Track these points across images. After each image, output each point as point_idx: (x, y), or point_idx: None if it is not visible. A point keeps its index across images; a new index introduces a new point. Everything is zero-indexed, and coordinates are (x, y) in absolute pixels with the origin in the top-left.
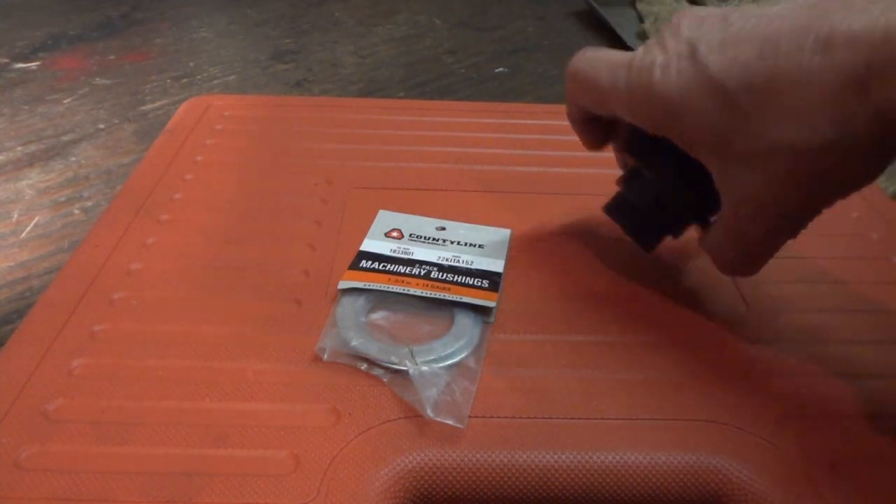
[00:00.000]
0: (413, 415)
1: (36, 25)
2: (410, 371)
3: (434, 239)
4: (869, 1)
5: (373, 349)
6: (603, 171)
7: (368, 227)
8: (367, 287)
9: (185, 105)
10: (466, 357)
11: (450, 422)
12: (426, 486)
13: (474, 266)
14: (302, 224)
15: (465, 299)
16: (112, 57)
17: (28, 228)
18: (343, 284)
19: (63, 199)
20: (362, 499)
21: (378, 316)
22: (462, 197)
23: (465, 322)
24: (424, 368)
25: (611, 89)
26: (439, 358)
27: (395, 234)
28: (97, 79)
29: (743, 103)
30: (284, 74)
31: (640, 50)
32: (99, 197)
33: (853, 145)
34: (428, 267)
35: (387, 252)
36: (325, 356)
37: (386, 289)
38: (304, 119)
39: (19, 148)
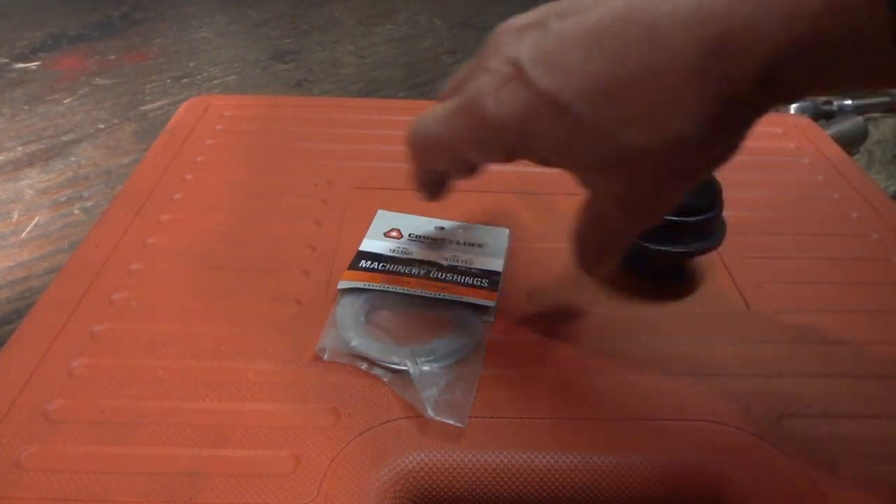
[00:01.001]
0: (413, 415)
1: (36, 25)
2: (411, 371)
3: (433, 239)
4: None
5: (373, 349)
6: None
7: (368, 227)
8: (366, 287)
9: (185, 105)
10: (466, 357)
11: (450, 421)
12: (426, 486)
13: (474, 266)
14: (302, 224)
15: (465, 299)
16: (112, 57)
17: (28, 228)
18: (343, 284)
19: (63, 199)
20: (362, 499)
21: (378, 316)
22: (461, 197)
23: (465, 321)
24: (425, 368)
25: (453, 141)
26: (439, 357)
27: (394, 233)
28: (97, 79)
29: (581, 113)
30: (284, 74)
31: (466, 80)
32: (99, 197)
33: (709, 133)
34: (427, 267)
35: (386, 252)
36: (326, 356)
37: (386, 289)
38: (304, 119)
39: (19, 148)
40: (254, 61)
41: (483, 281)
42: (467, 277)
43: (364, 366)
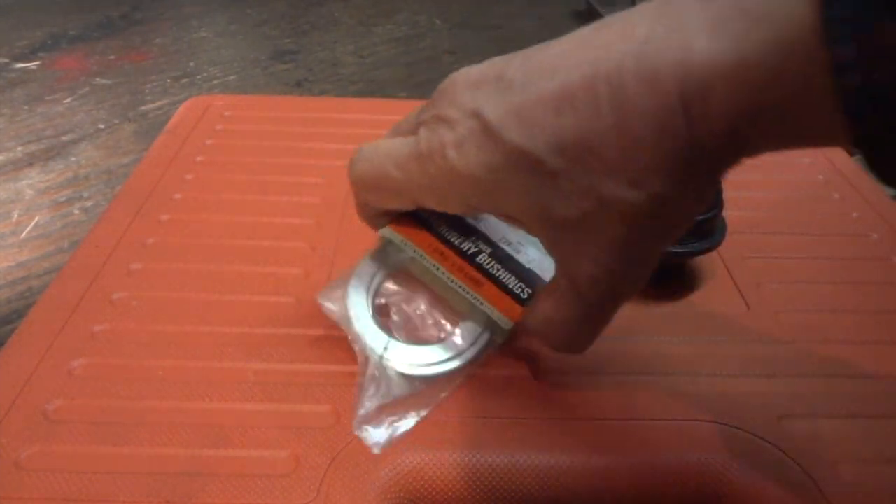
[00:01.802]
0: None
1: (36, 25)
2: (371, 361)
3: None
4: (647, 27)
5: (359, 325)
6: None
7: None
8: (403, 245)
9: (185, 105)
10: (439, 380)
11: (363, 440)
12: (426, 486)
13: (529, 266)
14: (302, 224)
15: (486, 308)
16: (112, 57)
17: (28, 228)
18: (385, 232)
19: (63, 199)
20: (362, 499)
21: (391, 289)
22: None
23: (467, 334)
24: (389, 365)
25: (408, 186)
26: (411, 365)
27: None
28: (97, 79)
29: (556, 168)
30: (284, 74)
31: (423, 132)
32: (99, 197)
33: (682, 188)
34: (482, 245)
35: None
36: (321, 304)
37: (419, 256)
38: (304, 119)
39: (19, 148)
40: (254, 61)
41: (525, 290)
42: (511, 277)
43: (349, 336)
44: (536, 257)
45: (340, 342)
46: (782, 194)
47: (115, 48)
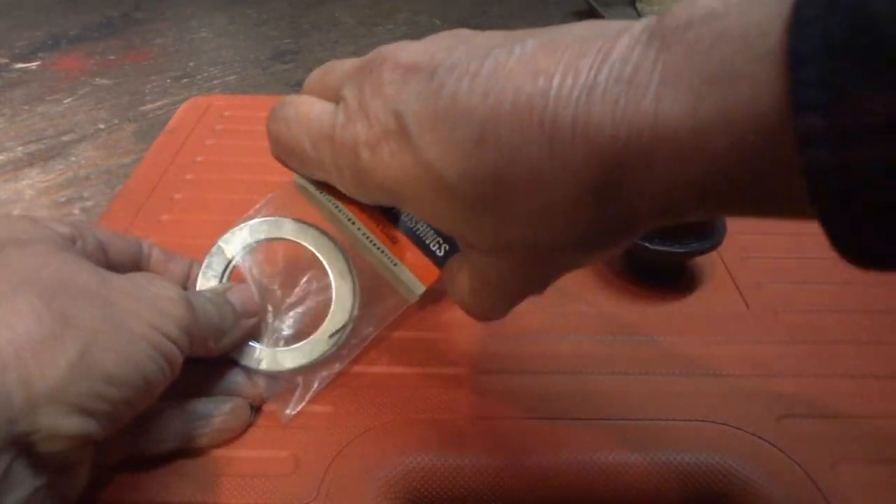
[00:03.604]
0: (413, 415)
1: (36, 25)
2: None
3: None
4: (595, 67)
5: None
6: None
7: None
8: (319, 193)
9: (185, 105)
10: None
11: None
12: (426, 486)
13: None
14: None
15: (400, 270)
16: (112, 57)
17: None
18: (299, 180)
19: (63, 199)
20: (362, 499)
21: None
22: None
23: (315, 349)
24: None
25: (319, 166)
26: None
27: None
28: (97, 79)
29: (466, 198)
30: (284, 74)
31: (341, 115)
32: (99, 197)
33: (597, 245)
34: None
35: None
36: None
37: (335, 207)
38: None
39: (19, 148)
40: (254, 61)
41: (437, 242)
42: (427, 229)
43: None
44: None
45: None
46: None
47: (115, 48)
